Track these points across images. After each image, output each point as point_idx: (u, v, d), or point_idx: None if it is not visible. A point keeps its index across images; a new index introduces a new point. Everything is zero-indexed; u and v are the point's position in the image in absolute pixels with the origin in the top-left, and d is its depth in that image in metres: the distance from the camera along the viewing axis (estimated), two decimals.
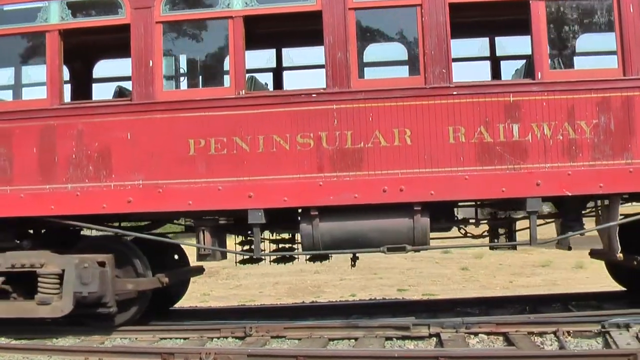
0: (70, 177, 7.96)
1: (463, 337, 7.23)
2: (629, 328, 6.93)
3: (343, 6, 7.60)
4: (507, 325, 7.36)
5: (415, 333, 7.40)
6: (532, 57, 7.38)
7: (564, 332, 7.10)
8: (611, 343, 6.72)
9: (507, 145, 7.32)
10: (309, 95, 7.65)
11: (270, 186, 7.59)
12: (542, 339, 7.09)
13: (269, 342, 7.61)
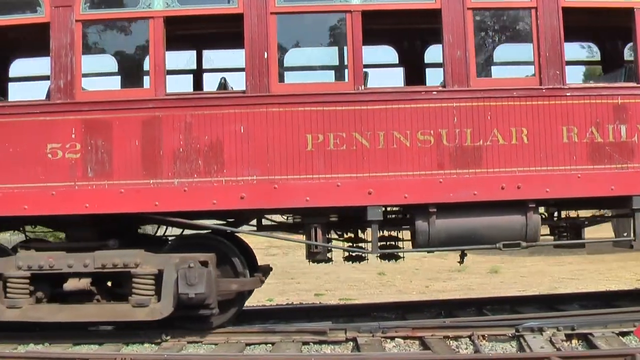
0: (177, 171, 7.37)
1: (380, 342, 7.11)
2: (542, 332, 6.99)
3: (462, 6, 7.62)
4: (423, 329, 7.32)
5: (332, 338, 7.30)
6: (636, 62, 7.77)
7: (478, 336, 7.07)
8: (525, 347, 6.76)
9: (616, 146, 7.53)
10: (429, 93, 7.45)
11: (391, 183, 7.35)
12: (458, 343, 7.07)
13: (185, 347, 7.34)
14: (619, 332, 7.02)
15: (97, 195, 7.45)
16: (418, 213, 7.54)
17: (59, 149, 7.47)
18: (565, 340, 6.95)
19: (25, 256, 7.75)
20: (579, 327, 7.11)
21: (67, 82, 7.47)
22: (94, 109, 7.47)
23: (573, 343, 6.96)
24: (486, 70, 8.03)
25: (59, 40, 7.46)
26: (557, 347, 6.63)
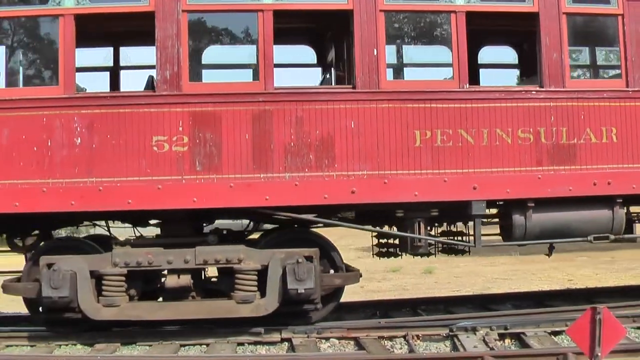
0: (288, 165, 7.13)
1: (315, 342, 6.96)
2: (475, 331, 6.94)
3: (557, 10, 7.85)
4: (358, 330, 7.21)
5: (267, 338, 7.11)
6: None
7: (413, 336, 6.97)
8: (459, 346, 6.71)
9: None
10: (528, 92, 7.50)
11: (494, 178, 7.35)
12: (392, 343, 6.95)
13: (119, 349, 7.08)
14: (551, 331, 7.00)
15: (206, 189, 7.11)
16: (515, 207, 7.73)
17: (165, 142, 7.12)
18: (498, 340, 6.89)
19: (121, 253, 7.32)
20: (512, 326, 7.08)
21: (173, 74, 7.13)
22: (202, 102, 7.14)
23: (506, 342, 6.91)
24: (577, 72, 8.34)
25: (164, 30, 7.16)
26: (490, 347, 6.57)
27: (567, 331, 5.30)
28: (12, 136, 6.97)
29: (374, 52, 7.31)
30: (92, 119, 7.03)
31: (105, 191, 7.02)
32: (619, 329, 4.89)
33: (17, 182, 6.98)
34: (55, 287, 6.97)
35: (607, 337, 4.80)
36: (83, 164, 7.01)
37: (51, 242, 7.62)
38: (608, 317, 4.83)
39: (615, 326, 4.85)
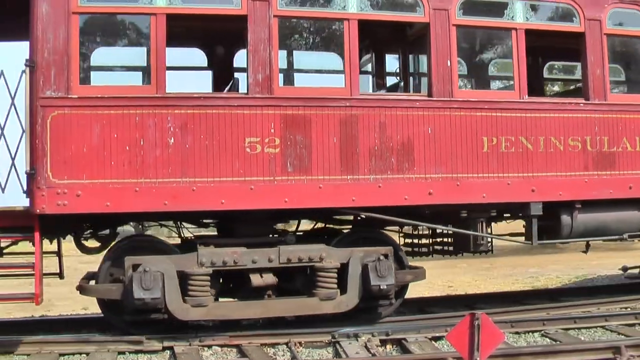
0: (372, 168, 7.29)
1: (197, 350, 6.75)
2: (358, 338, 6.93)
3: (599, 31, 8.54)
4: (241, 337, 7.04)
5: (149, 347, 6.85)
6: None
7: (296, 342, 6.89)
8: (341, 352, 6.65)
9: None
10: (577, 105, 8.10)
11: (549, 182, 7.83)
12: (275, 350, 6.84)
13: None
14: (431, 337, 7.06)
15: (297, 190, 7.16)
16: (563, 208, 8.34)
17: (257, 143, 7.13)
18: (380, 346, 6.89)
19: (207, 253, 7.25)
20: (394, 332, 7.10)
21: (265, 77, 7.15)
22: (293, 105, 7.22)
23: (387, 348, 6.93)
24: (614, 87, 9.07)
25: (256, 33, 7.20)
26: (372, 352, 6.56)
27: (447, 337, 5.24)
28: (104, 135, 6.77)
29: (447, 64, 7.68)
30: (186, 119, 6.94)
31: (198, 191, 6.93)
32: (497, 334, 4.87)
33: (109, 181, 6.77)
34: (146, 289, 6.81)
35: (485, 342, 4.76)
36: (176, 163, 6.89)
37: (128, 242, 7.41)
38: (486, 323, 4.79)
39: (493, 331, 4.82)
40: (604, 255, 19.88)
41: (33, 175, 6.62)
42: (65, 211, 6.67)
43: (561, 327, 7.49)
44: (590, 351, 6.26)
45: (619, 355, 6.13)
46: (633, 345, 6.31)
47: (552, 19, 8.23)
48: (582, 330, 7.49)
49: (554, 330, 7.38)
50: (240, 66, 9.00)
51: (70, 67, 6.71)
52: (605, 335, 7.39)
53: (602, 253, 20.12)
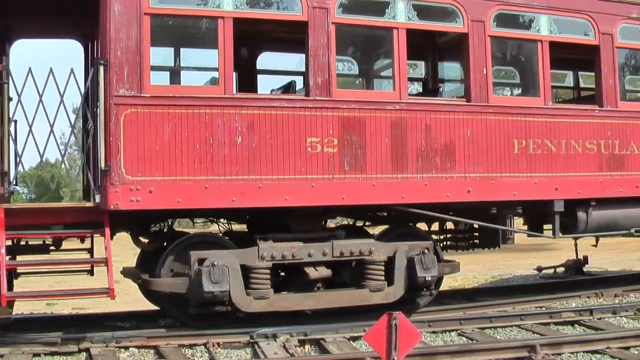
0: (419, 167, 7.71)
1: (114, 352, 6.62)
2: (276, 338, 6.87)
3: (612, 45, 9.22)
4: (158, 338, 6.93)
5: (64, 349, 6.68)
6: None
7: (214, 343, 6.79)
8: (259, 353, 6.58)
9: None
10: (592, 111, 8.79)
11: (570, 181, 8.43)
12: (193, 351, 6.73)
13: None
14: (350, 336, 7.09)
15: (353, 187, 7.51)
16: (579, 206, 9.01)
17: (317, 143, 7.44)
18: (298, 346, 6.87)
19: (268, 247, 7.51)
20: (312, 332, 7.09)
21: (324, 80, 7.46)
22: (349, 107, 7.57)
23: (306, 348, 6.93)
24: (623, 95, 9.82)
25: (316, 39, 7.53)
26: (291, 353, 6.53)
27: (365, 336, 5.20)
28: (175, 133, 6.96)
29: (483, 71, 8.23)
30: (252, 119, 7.18)
31: (264, 188, 7.19)
32: (414, 333, 4.89)
33: (180, 178, 6.96)
34: (215, 282, 7.02)
35: (403, 341, 4.77)
36: (244, 161, 7.12)
37: (189, 238, 7.59)
38: (403, 322, 4.80)
39: (410, 331, 4.84)
40: (518, 256, 20.83)
41: (107, 172, 6.70)
42: (139, 207, 6.80)
43: (477, 326, 7.56)
44: (506, 350, 6.31)
45: (534, 353, 6.20)
46: (548, 344, 6.42)
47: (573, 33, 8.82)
48: (498, 329, 7.59)
49: (470, 329, 7.46)
50: (263, 68, 9.31)
51: (143, 67, 6.84)
52: (520, 334, 7.51)
53: (517, 254, 21.04)
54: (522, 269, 15.37)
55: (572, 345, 6.53)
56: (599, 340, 6.63)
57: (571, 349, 6.48)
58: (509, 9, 8.21)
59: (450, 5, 7.92)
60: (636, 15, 8.98)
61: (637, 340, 6.65)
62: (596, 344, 6.55)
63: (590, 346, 6.52)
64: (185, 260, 7.24)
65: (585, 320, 7.84)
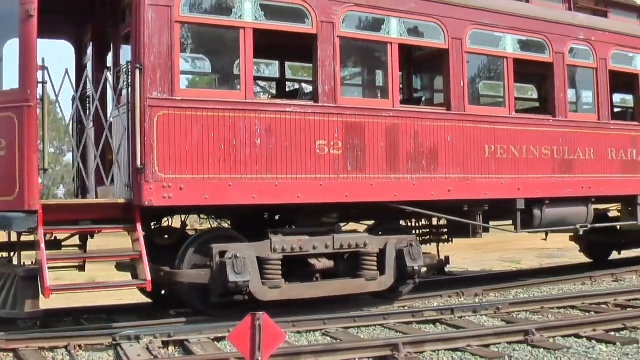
0: (409, 168, 9.36)
1: None
2: (139, 340, 7.14)
3: (563, 62, 11.40)
4: (17, 341, 7.07)
5: None
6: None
7: (75, 346, 7.00)
8: (122, 355, 6.77)
9: (634, 163, 12.20)
10: (547, 120, 11.00)
11: (530, 183, 10.46)
12: (54, 354, 6.92)
13: None
14: (214, 337, 7.51)
15: (354, 186, 9.03)
16: (536, 204, 11.07)
17: (325, 146, 8.91)
18: (162, 347, 7.18)
19: (279, 240, 8.89)
20: (176, 334, 7.46)
21: (331, 88, 8.98)
22: (351, 113, 9.10)
23: (170, 350, 7.26)
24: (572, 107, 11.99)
25: (324, 51, 9.01)
26: (154, 355, 6.76)
27: (229, 337, 5.45)
28: (202, 134, 8.21)
29: (461, 84, 10.07)
30: (269, 122, 8.55)
31: (280, 186, 8.58)
32: (278, 333, 5.16)
33: (207, 176, 8.21)
34: (239, 273, 8.33)
35: (267, 342, 5.04)
36: (262, 161, 8.46)
37: (207, 233, 8.83)
38: (267, 323, 5.06)
39: (274, 331, 5.11)
40: None
41: (142, 170, 7.84)
42: (171, 203, 7.99)
43: (341, 326, 8.20)
44: (369, 349, 6.77)
45: (397, 352, 6.65)
46: (410, 343, 6.94)
47: (532, 51, 10.88)
48: (362, 328, 8.24)
49: (334, 329, 8.05)
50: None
51: (174, 71, 8.02)
52: (384, 333, 8.10)
53: None
54: None
55: (434, 343, 7.03)
56: (460, 338, 7.17)
57: (433, 347, 6.97)
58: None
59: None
60: (584, 37, 11.15)
61: (496, 338, 7.28)
62: (457, 342, 7.07)
63: (451, 344, 7.04)
64: (206, 253, 8.47)
65: (446, 319, 8.59)
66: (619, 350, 6.98)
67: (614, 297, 9.94)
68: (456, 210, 10.40)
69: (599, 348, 7.11)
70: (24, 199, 7.41)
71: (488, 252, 21.51)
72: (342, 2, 8.97)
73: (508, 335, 7.42)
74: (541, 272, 13.84)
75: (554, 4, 11.57)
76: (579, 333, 7.59)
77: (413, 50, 10.45)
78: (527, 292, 11.23)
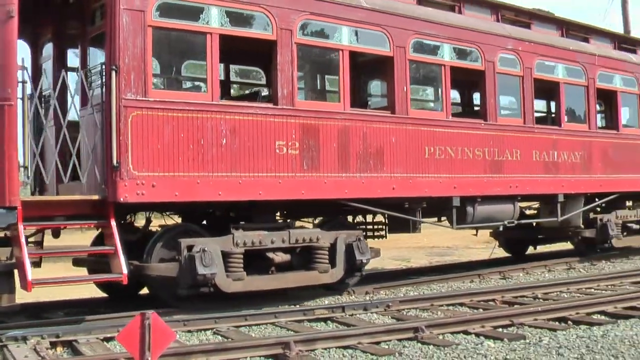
0: (358, 168, 10.56)
1: None
2: (26, 340, 7.23)
3: (493, 71, 12.90)
4: None
5: None
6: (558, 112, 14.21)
7: None
8: (9, 356, 6.80)
9: (554, 164, 13.89)
10: (479, 124, 12.55)
11: (464, 181, 11.94)
12: None
13: None
14: (103, 337, 7.66)
15: (310, 184, 10.12)
16: (469, 201, 12.53)
17: (284, 146, 9.95)
18: (50, 348, 7.26)
19: (241, 235, 9.86)
20: (64, 334, 7.55)
21: (289, 92, 10.04)
22: (308, 116, 10.21)
23: (58, 350, 7.35)
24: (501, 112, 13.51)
25: (283, 56, 10.07)
26: (42, 356, 6.82)
27: (118, 337, 5.51)
28: (173, 134, 9.10)
29: (404, 89, 11.39)
30: (234, 123, 9.51)
31: (243, 184, 9.56)
32: (168, 333, 5.24)
33: (177, 174, 9.09)
34: (206, 265, 9.28)
35: (156, 341, 5.09)
36: (227, 160, 9.40)
37: (173, 229, 9.72)
38: (157, 322, 5.12)
39: (164, 331, 5.18)
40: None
41: (117, 168, 8.65)
42: (143, 200, 8.83)
43: (233, 324, 8.51)
44: (260, 347, 7.00)
45: (288, 350, 6.86)
46: (301, 341, 7.17)
47: (466, 59, 12.34)
48: (254, 327, 8.58)
49: (225, 328, 8.34)
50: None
51: (147, 73, 8.87)
52: (275, 331, 8.41)
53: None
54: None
55: (325, 341, 7.29)
56: (351, 335, 7.47)
57: (324, 344, 7.22)
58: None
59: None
60: (512, 47, 12.73)
61: (386, 335, 7.57)
62: (348, 340, 7.36)
63: (342, 342, 7.32)
64: (173, 247, 9.35)
65: (338, 317, 8.98)
66: (507, 346, 7.28)
67: (501, 294, 10.55)
68: (398, 207, 11.65)
69: (487, 344, 7.40)
70: (4, 196, 8.03)
71: (382, 250, 22.66)
72: (299, 11, 10.02)
73: (398, 332, 7.69)
74: (430, 270, 14.56)
75: (484, 16, 13.06)
76: (467, 329, 7.94)
77: (361, 57, 11.60)
78: (417, 289, 11.77)
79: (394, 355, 7.00)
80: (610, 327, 8.14)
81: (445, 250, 20.31)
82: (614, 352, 6.95)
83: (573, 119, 14.63)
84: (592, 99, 14.62)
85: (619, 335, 7.68)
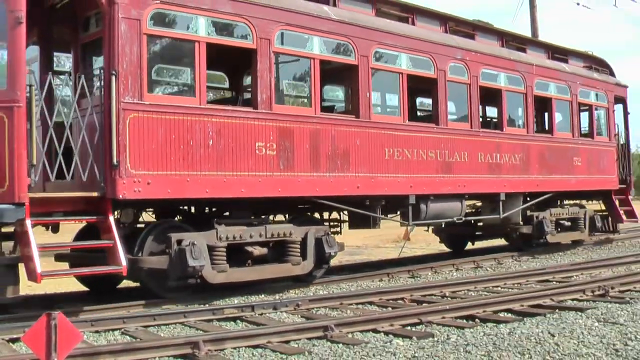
0: (327, 167, 12.04)
1: None
2: None
3: (444, 79, 14.59)
4: None
5: None
6: (501, 116, 16.11)
7: None
8: None
9: (497, 165, 15.75)
10: (432, 128, 14.22)
11: (419, 181, 13.59)
12: None
13: None
14: (9, 338, 7.74)
15: (286, 183, 11.52)
16: (422, 199, 14.19)
17: (263, 147, 11.31)
18: None
19: (224, 229, 11.16)
20: None
21: (267, 97, 11.42)
22: (283, 119, 11.61)
23: None
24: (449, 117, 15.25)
25: (262, 63, 11.43)
26: None
27: (23, 338, 5.61)
28: (166, 135, 10.34)
29: (367, 95, 12.97)
30: (219, 126, 10.82)
31: (228, 182, 10.88)
32: (74, 333, 5.33)
33: (169, 173, 10.33)
34: (196, 258, 10.56)
35: (63, 342, 5.21)
36: (214, 160, 10.69)
37: (162, 224, 10.91)
38: (63, 323, 5.19)
39: (71, 331, 5.27)
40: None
41: (116, 167, 9.83)
42: (140, 197, 10.03)
43: (141, 324, 8.68)
44: (169, 347, 7.11)
45: (197, 350, 7.02)
46: (211, 340, 7.33)
47: (421, 68, 14.03)
48: (162, 327, 8.77)
49: (134, 327, 8.49)
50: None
51: (142, 78, 10.08)
52: (184, 331, 8.60)
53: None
54: None
55: (234, 340, 7.47)
56: (261, 335, 7.68)
57: (234, 344, 7.40)
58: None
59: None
60: (460, 57, 14.51)
61: (296, 334, 7.80)
62: (258, 339, 7.57)
63: (252, 341, 7.53)
64: (162, 241, 10.56)
65: (247, 316, 9.27)
66: (415, 344, 7.51)
67: (410, 292, 11.01)
68: (361, 204, 13.20)
69: (396, 342, 7.62)
70: (14, 192, 9.06)
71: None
72: (276, 22, 11.42)
73: (308, 331, 7.93)
74: (340, 269, 15.16)
75: (434, 27, 14.80)
76: (376, 328, 8.22)
77: (328, 64, 13.07)
78: (327, 288, 12.26)
79: (304, 354, 7.17)
80: (516, 325, 8.45)
81: (355, 250, 21.36)
82: (520, 349, 7.20)
83: (513, 123, 16.52)
84: (530, 106, 16.58)
85: (525, 332, 7.98)
